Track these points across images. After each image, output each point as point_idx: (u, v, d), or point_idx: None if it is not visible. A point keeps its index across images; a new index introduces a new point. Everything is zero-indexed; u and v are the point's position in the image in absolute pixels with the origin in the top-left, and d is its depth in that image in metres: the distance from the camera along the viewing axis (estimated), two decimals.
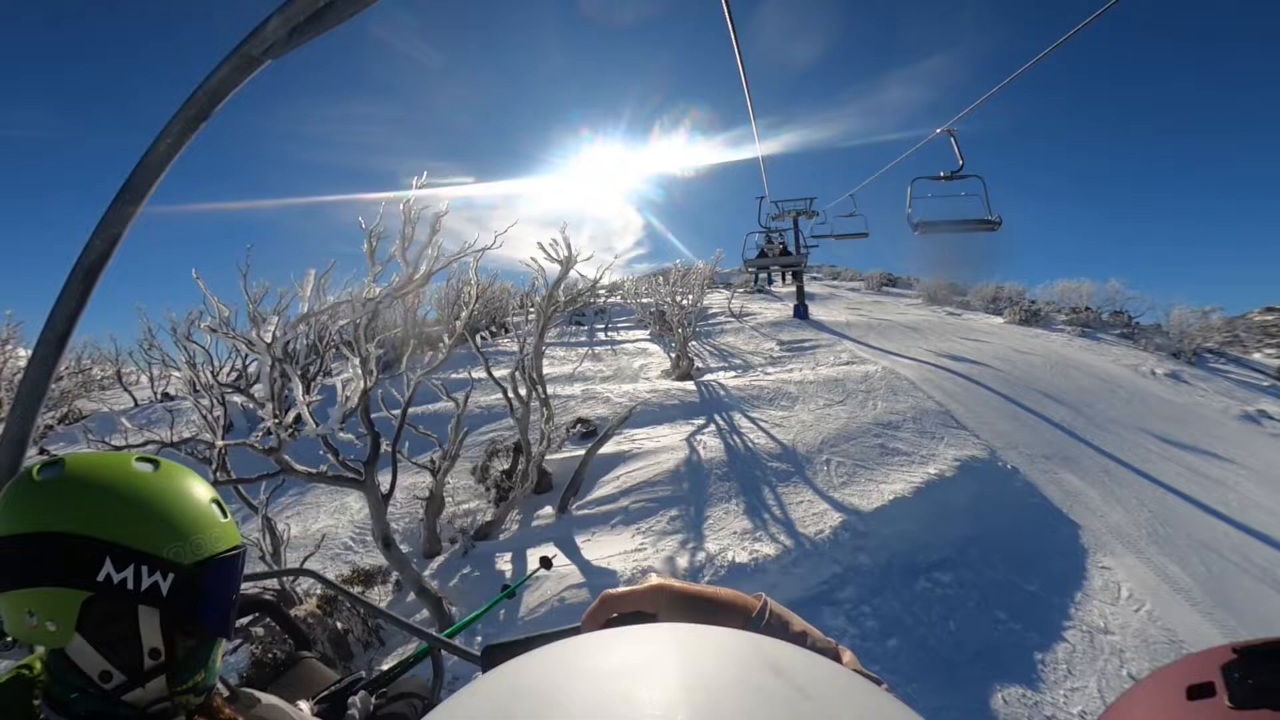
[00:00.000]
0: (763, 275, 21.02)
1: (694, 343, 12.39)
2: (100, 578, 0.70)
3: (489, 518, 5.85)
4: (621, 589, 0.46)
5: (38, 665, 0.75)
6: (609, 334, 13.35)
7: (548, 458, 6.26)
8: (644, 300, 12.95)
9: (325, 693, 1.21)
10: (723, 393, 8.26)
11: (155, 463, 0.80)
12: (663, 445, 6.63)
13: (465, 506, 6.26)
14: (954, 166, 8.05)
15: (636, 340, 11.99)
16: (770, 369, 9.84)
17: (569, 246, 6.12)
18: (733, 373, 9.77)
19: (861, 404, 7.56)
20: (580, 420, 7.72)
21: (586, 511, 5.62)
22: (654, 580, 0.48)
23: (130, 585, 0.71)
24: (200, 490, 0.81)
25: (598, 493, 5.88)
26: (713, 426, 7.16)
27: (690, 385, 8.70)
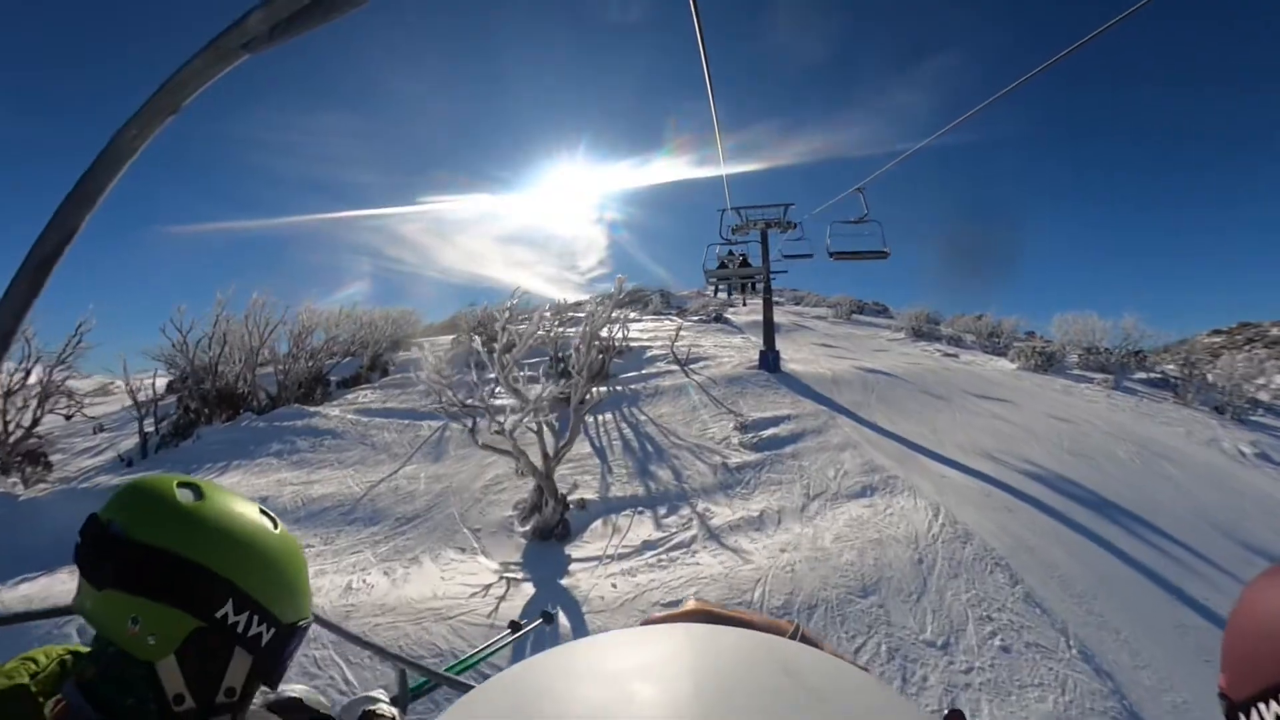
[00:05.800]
0: (722, 293, 16.59)
1: (605, 414, 7.73)
2: (219, 614, 0.73)
3: None
4: (662, 613, 0.43)
5: (42, 659, 0.75)
6: (502, 386, 8.16)
7: None
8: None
9: None
10: None
11: (273, 520, 0.83)
12: None
13: None
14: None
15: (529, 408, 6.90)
16: (718, 510, 5.21)
17: None
18: (647, 519, 5.08)
19: None
20: None
21: None
22: (692, 604, 0.46)
23: (240, 629, 0.75)
24: (303, 560, 0.85)
25: None
26: None
27: (520, 603, 3.91)
